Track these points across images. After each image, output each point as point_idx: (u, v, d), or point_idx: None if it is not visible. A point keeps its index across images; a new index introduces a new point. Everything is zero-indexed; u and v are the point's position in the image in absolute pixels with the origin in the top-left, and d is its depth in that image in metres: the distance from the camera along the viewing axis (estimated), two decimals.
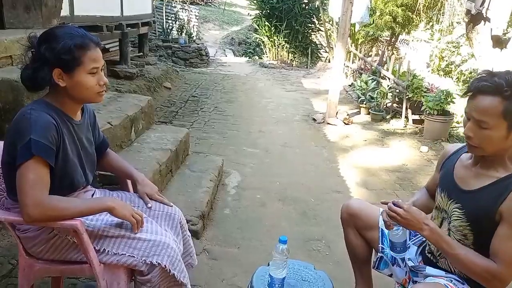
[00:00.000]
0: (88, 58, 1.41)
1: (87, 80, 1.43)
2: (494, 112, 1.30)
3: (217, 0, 21.62)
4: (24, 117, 1.36)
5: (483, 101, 1.32)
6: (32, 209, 1.32)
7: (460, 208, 1.46)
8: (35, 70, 1.41)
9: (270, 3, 12.64)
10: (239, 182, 3.77)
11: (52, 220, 1.39)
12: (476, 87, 1.34)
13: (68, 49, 1.37)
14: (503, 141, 1.34)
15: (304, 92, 8.53)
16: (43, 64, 1.39)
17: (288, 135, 5.47)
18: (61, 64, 1.39)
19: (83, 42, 1.41)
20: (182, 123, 5.43)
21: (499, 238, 1.34)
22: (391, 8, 9.08)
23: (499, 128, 1.32)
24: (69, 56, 1.38)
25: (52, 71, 1.39)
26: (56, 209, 1.37)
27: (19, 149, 1.33)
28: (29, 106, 1.41)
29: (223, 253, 2.60)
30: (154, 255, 1.50)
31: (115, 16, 6.31)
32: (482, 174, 1.43)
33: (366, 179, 4.11)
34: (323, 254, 2.72)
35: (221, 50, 14.59)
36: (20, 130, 1.35)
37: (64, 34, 1.40)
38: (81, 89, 1.44)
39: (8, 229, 2.27)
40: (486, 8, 4.04)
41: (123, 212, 1.48)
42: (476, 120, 1.34)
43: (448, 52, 10.07)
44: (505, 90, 1.28)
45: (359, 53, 9.37)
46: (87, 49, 1.41)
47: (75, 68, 1.40)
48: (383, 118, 6.37)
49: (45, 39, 1.41)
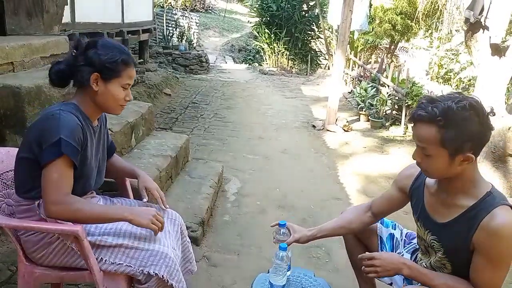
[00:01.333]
0: (126, 73, 1.54)
1: (118, 92, 1.54)
2: (432, 140, 1.28)
3: (218, 7, 21.74)
4: (53, 117, 1.41)
5: (421, 130, 1.31)
6: (54, 207, 1.37)
7: (437, 241, 1.47)
8: (73, 69, 1.50)
9: (270, 10, 12.72)
10: (239, 189, 3.77)
11: (70, 220, 1.44)
12: (414, 116, 1.33)
13: (114, 61, 1.49)
14: (449, 167, 1.31)
15: (303, 99, 8.55)
16: (87, 65, 1.48)
17: (288, 141, 5.48)
18: (102, 71, 1.49)
19: (128, 59, 1.54)
20: (182, 130, 5.43)
21: (476, 268, 1.34)
22: (391, 16, 9.15)
23: (440, 156, 1.30)
24: (113, 67, 1.50)
25: (91, 74, 1.48)
26: (77, 210, 1.41)
27: (46, 147, 1.37)
28: (57, 106, 1.46)
29: (223, 260, 2.59)
30: (152, 265, 1.51)
31: (116, 23, 6.35)
32: (451, 204, 1.40)
33: (365, 186, 4.11)
34: (323, 261, 2.71)
35: (221, 57, 14.65)
36: (48, 129, 1.39)
37: (114, 47, 1.53)
38: (109, 98, 1.53)
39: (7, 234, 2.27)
40: (484, 16, 4.06)
41: (141, 222, 1.50)
42: (419, 147, 1.34)
43: (447, 59, 10.13)
44: (439, 119, 1.26)
45: (358, 60, 9.41)
46: (128, 66, 1.54)
47: (112, 79, 1.51)
48: (382, 125, 6.38)
49: (96, 46, 1.51)
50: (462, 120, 1.25)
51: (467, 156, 1.28)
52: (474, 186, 1.37)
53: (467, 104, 1.25)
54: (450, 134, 1.26)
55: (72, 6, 4.87)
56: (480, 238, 1.31)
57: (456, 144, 1.27)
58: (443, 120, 1.25)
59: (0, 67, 2.80)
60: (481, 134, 1.28)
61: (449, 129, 1.26)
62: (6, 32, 3.62)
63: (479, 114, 1.26)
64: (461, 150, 1.28)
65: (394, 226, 1.85)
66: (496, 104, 4.14)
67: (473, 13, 4.16)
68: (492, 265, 1.31)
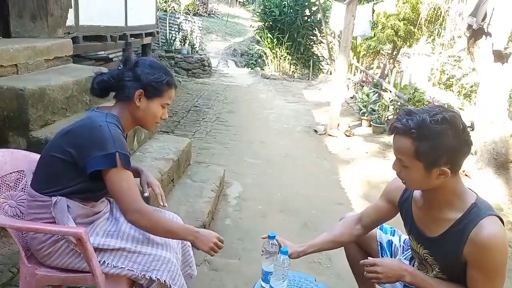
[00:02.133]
0: (168, 94, 1.62)
1: (157, 110, 1.61)
2: (407, 152, 1.29)
3: (220, 12, 21.83)
4: (101, 128, 1.45)
5: (397, 141, 1.33)
6: (137, 215, 1.45)
7: (430, 254, 1.47)
8: (121, 82, 1.57)
9: (272, 15, 12.77)
10: (240, 193, 3.76)
11: (147, 229, 1.50)
12: (392, 127, 1.34)
13: (160, 81, 1.58)
14: (426, 180, 1.31)
15: (305, 103, 8.56)
16: (134, 81, 1.56)
17: (290, 146, 5.48)
18: (147, 89, 1.56)
19: (172, 81, 1.63)
20: (184, 133, 5.44)
21: (471, 281, 1.34)
22: (393, 22, 9.17)
23: (415, 168, 1.30)
24: (157, 86, 1.58)
25: (137, 90, 1.55)
26: (158, 221, 1.50)
27: (99, 155, 1.41)
28: (102, 117, 1.50)
29: (224, 264, 2.59)
30: (154, 270, 1.51)
31: (120, 26, 6.38)
32: (438, 218, 1.40)
33: (367, 191, 4.11)
34: (324, 266, 2.70)
35: (224, 61, 14.69)
36: (99, 139, 1.43)
37: (161, 68, 1.62)
38: (149, 114, 1.61)
39: (10, 236, 2.27)
40: (487, 23, 4.07)
41: (201, 247, 1.55)
42: (397, 158, 1.36)
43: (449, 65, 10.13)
44: (412, 132, 1.26)
45: (360, 65, 9.43)
46: (171, 87, 1.63)
47: (155, 97, 1.59)
48: (384, 130, 6.38)
49: (145, 64, 1.59)
50: (435, 133, 1.24)
51: (443, 170, 1.28)
52: (459, 199, 1.36)
53: (440, 117, 1.25)
54: (423, 146, 1.26)
55: (76, 9, 4.91)
56: (470, 251, 1.30)
57: (430, 157, 1.27)
58: (416, 132, 1.26)
59: (4, 69, 2.81)
60: (456, 148, 1.27)
61: (422, 142, 1.26)
62: (11, 34, 3.64)
63: (453, 128, 1.25)
64: (436, 164, 1.27)
65: (393, 232, 1.85)
66: (498, 111, 4.14)
67: (476, 19, 4.17)
68: (487, 277, 1.30)
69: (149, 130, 1.70)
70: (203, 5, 19.72)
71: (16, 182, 1.66)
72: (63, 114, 2.86)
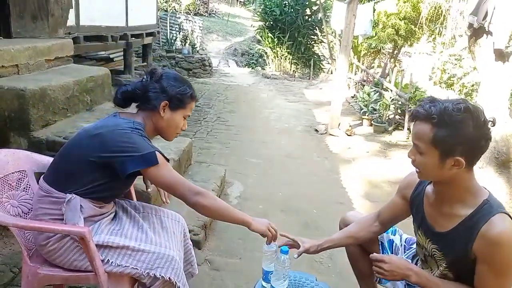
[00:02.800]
0: (190, 106, 1.70)
1: (179, 121, 1.69)
2: (425, 138, 1.30)
3: (221, 12, 21.83)
4: (131, 134, 1.51)
5: (417, 127, 1.34)
6: (201, 197, 1.55)
7: (438, 250, 1.46)
8: (147, 93, 1.63)
9: (273, 15, 12.76)
10: (242, 193, 3.77)
11: (211, 210, 1.60)
12: (413, 113, 1.36)
13: (185, 94, 1.66)
14: (439, 169, 1.32)
15: (306, 103, 8.56)
16: (160, 93, 1.63)
17: (291, 145, 5.48)
18: (172, 100, 1.63)
19: (195, 94, 1.72)
20: (185, 133, 5.43)
21: (480, 278, 1.33)
22: (394, 21, 9.15)
23: (431, 155, 1.31)
24: (182, 98, 1.66)
25: (162, 101, 1.62)
26: (219, 201, 1.64)
27: (138, 156, 1.47)
28: (129, 124, 1.55)
29: (225, 264, 2.59)
30: (158, 267, 1.52)
31: (120, 27, 6.39)
32: (449, 214, 1.40)
33: (368, 190, 4.10)
34: (325, 265, 2.70)
35: (224, 61, 14.69)
36: (132, 143, 1.49)
37: (185, 81, 1.71)
38: (171, 125, 1.68)
39: (11, 236, 2.28)
40: (488, 22, 4.06)
41: (259, 227, 1.65)
42: (414, 144, 1.36)
43: (450, 64, 10.12)
44: (433, 117, 1.27)
45: (361, 65, 9.43)
46: (194, 100, 1.71)
47: (179, 109, 1.66)
48: (385, 129, 6.38)
49: (170, 77, 1.66)
50: (455, 121, 1.25)
51: (458, 160, 1.28)
52: (471, 195, 1.36)
53: (463, 107, 1.26)
54: (442, 133, 1.27)
55: (77, 10, 4.91)
56: (480, 247, 1.30)
57: (447, 145, 1.27)
58: (436, 118, 1.27)
59: (5, 70, 2.82)
60: (474, 140, 1.27)
61: (441, 128, 1.27)
62: (12, 35, 3.65)
63: (474, 119, 1.26)
64: (451, 153, 1.28)
65: (394, 231, 1.85)
66: (499, 110, 4.13)
67: (477, 18, 4.16)
68: (496, 274, 1.30)
69: (169, 140, 1.77)
70: (203, 5, 19.73)
71: (18, 182, 1.66)
72: (64, 114, 2.86)
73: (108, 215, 1.65)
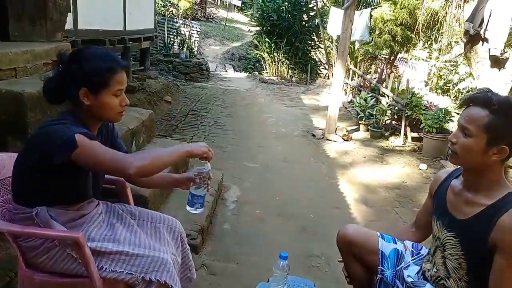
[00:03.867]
0: (114, 81, 1.46)
1: (111, 101, 1.47)
2: (479, 123, 1.35)
3: (218, 16, 21.88)
4: (58, 126, 1.38)
5: (471, 110, 1.38)
6: (133, 169, 1.31)
7: (455, 237, 1.47)
8: (62, 86, 1.46)
9: (270, 20, 12.82)
10: (239, 197, 3.76)
11: (153, 172, 1.42)
12: (471, 97, 1.41)
13: (98, 72, 1.43)
14: (481, 154, 1.36)
15: (303, 108, 8.58)
16: (72, 82, 1.44)
17: (288, 150, 5.49)
18: (88, 85, 1.43)
19: (113, 65, 1.46)
20: (182, 137, 5.44)
21: (496, 269, 1.34)
22: (391, 27, 9.21)
23: (479, 139, 1.35)
24: (98, 79, 1.43)
25: (79, 89, 1.43)
26: (153, 159, 1.38)
27: (60, 144, 1.32)
28: (59, 119, 1.42)
29: (222, 269, 2.58)
30: (153, 271, 1.50)
31: (118, 31, 6.38)
32: (472, 201, 1.44)
33: (365, 195, 4.11)
34: (323, 271, 2.70)
35: (222, 65, 14.70)
36: (56, 134, 1.36)
37: (95, 56, 1.46)
38: (104, 109, 1.48)
39: (7, 240, 2.26)
40: (484, 29, 4.11)
41: (200, 150, 1.47)
42: (461, 127, 1.40)
43: (446, 71, 10.18)
44: (493, 104, 1.33)
45: (358, 70, 9.47)
46: (115, 72, 1.46)
47: (101, 90, 1.45)
48: (382, 135, 6.40)
49: (77, 59, 1.46)
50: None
51: (502, 149, 1.34)
52: (497, 186, 1.40)
53: None
54: (497, 121, 1.32)
55: (75, 13, 4.90)
56: (498, 235, 1.32)
57: (498, 133, 1.33)
58: (497, 105, 1.32)
59: (3, 73, 2.81)
60: None
61: (498, 117, 1.32)
62: (10, 38, 3.64)
63: None
64: (499, 141, 1.34)
65: (395, 240, 1.85)
66: None
67: (473, 25, 4.21)
68: None
69: (116, 122, 1.60)
70: (201, 10, 19.76)
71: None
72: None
73: (94, 217, 1.61)
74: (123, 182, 1.92)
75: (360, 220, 3.52)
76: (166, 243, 1.70)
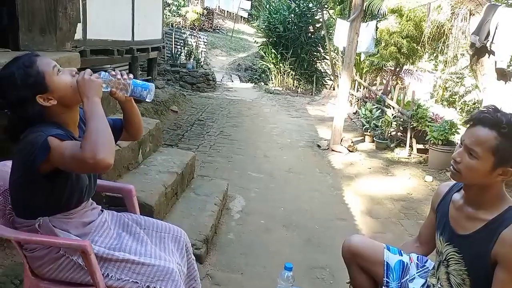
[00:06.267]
0: (42, 66, 1.39)
1: (60, 80, 1.41)
2: (487, 145, 1.31)
3: (225, 27, 22.09)
4: (36, 136, 1.33)
5: (479, 131, 1.34)
6: (89, 159, 1.24)
7: (458, 252, 1.47)
8: (22, 115, 1.39)
9: (276, 31, 12.92)
10: (244, 207, 3.76)
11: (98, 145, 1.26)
12: (477, 117, 1.37)
13: (24, 77, 1.36)
14: (486, 175, 1.35)
15: (309, 118, 8.60)
16: (24, 105, 1.37)
17: (293, 160, 5.49)
18: (35, 91, 1.37)
19: (26, 60, 1.39)
20: (188, 146, 5.46)
21: (497, 283, 1.33)
22: (396, 39, 9.23)
23: (486, 162, 1.33)
24: (31, 80, 1.36)
25: (36, 102, 1.38)
26: (106, 141, 1.30)
27: (35, 149, 1.30)
28: (37, 130, 1.36)
29: (227, 279, 2.57)
30: (158, 280, 1.51)
31: (126, 41, 6.46)
32: (474, 217, 1.43)
33: (370, 207, 4.09)
34: (328, 282, 2.68)
35: (228, 76, 14.80)
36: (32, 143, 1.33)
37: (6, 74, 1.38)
38: (66, 91, 1.42)
39: (12, 248, 2.27)
40: (490, 41, 4.12)
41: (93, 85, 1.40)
42: (467, 148, 1.36)
43: (452, 83, 10.19)
44: (503, 127, 1.30)
45: (363, 81, 9.49)
46: (33, 62, 1.39)
47: (45, 83, 1.38)
48: (387, 146, 6.38)
49: (3, 93, 1.38)
50: None
51: (508, 170, 1.32)
52: (498, 201, 1.39)
53: None
54: (506, 144, 1.30)
55: (84, 24, 4.98)
56: (499, 250, 1.31)
57: (506, 156, 1.31)
58: (506, 128, 1.29)
59: None
60: None
61: (507, 140, 1.30)
62: (20, 47, 3.70)
63: None
64: (505, 163, 1.32)
65: (401, 252, 1.84)
66: None
67: (479, 38, 4.22)
68: None
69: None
70: (208, 21, 19.97)
71: None
72: None
73: (99, 226, 1.61)
74: (130, 191, 1.93)
75: (366, 232, 3.50)
76: (171, 252, 1.71)
